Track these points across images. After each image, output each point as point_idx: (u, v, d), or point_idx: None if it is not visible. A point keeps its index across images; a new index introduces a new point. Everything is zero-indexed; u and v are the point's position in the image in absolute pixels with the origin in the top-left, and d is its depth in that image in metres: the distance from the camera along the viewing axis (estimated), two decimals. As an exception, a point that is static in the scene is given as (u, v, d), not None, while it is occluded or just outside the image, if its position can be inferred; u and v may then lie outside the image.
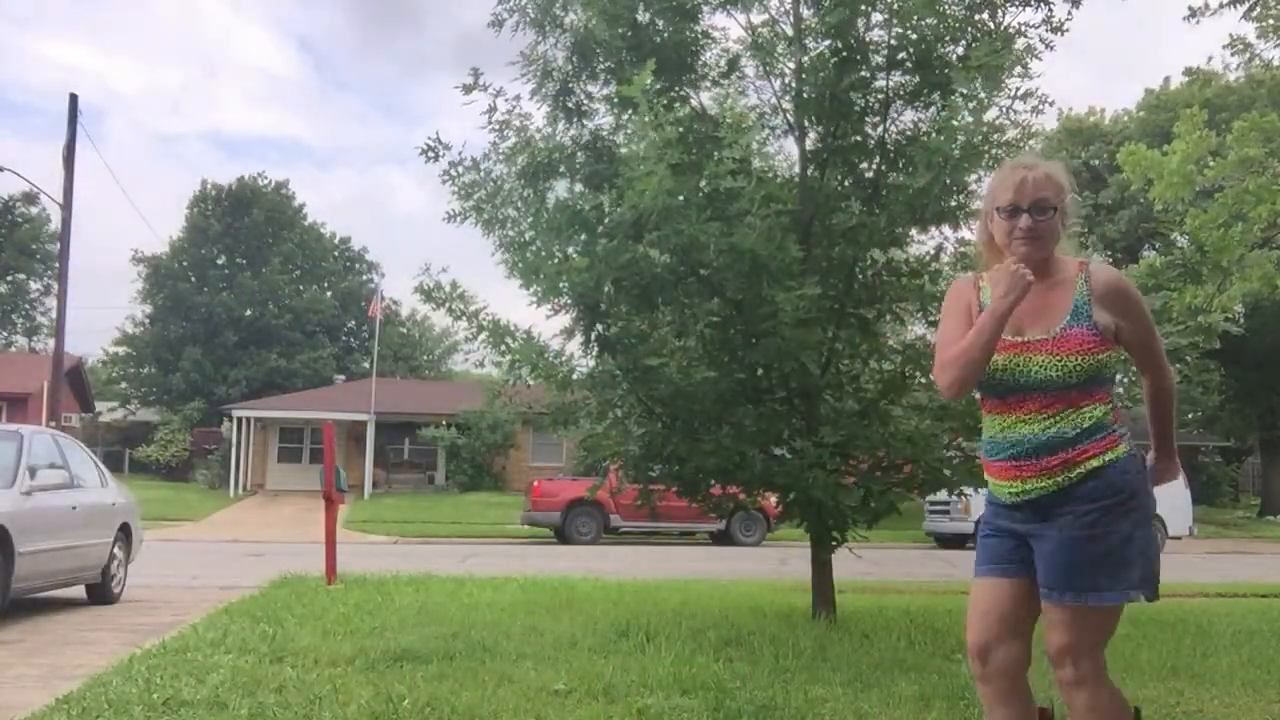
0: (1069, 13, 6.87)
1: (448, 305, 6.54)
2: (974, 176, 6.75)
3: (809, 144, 7.18)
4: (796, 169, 7.34)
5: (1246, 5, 10.75)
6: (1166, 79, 32.97)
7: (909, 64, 6.75)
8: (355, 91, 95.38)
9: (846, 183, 7.15)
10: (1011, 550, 2.75)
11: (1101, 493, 2.59)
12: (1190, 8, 11.34)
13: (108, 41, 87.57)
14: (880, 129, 6.96)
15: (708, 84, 7.33)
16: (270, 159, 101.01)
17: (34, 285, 47.75)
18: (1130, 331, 2.72)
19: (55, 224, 32.68)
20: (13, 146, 79.31)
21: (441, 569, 11.35)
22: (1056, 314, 2.67)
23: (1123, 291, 2.71)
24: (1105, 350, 2.65)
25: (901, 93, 6.88)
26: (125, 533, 9.06)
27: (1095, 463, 2.60)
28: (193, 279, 42.97)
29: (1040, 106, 6.65)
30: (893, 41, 6.66)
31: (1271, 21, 11.79)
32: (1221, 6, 10.91)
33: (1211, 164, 15.17)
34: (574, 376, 6.73)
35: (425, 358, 52.61)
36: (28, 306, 48.23)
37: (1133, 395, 6.93)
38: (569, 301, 6.39)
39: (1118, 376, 3.15)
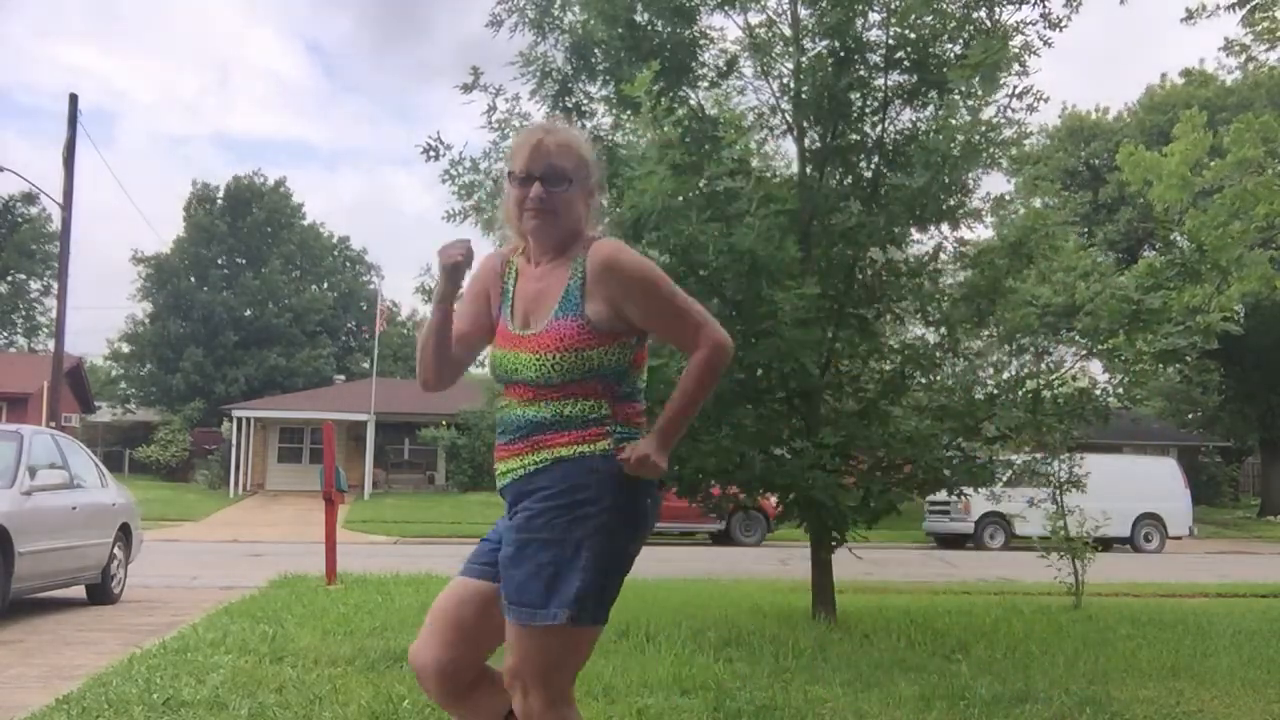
0: (1067, 15, 6.88)
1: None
2: (973, 175, 6.77)
3: (808, 144, 7.19)
4: (795, 169, 7.35)
5: (1245, 9, 10.76)
6: (1163, 76, 32.98)
7: (907, 63, 6.76)
8: (364, 96, 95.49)
9: (845, 182, 7.16)
10: (489, 551, 2.40)
11: (559, 489, 2.24)
12: (1187, 9, 11.36)
13: (121, 46, 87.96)
14: (879, 128, 6.97)
15: (705, 84, 7.34)
16: (279, 162, 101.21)
17: (34, 285, 47.74)
18: (638, 314, 2.30)
19: (56, 224, 32.68)
20: (24, 149, 79.73)
21: (441, 569, 11.34)
22: (548, 304, 2.32)
23: (615, 268, 2.30)
24: (596, 345, 2.27)
25: (900, 92, 6.89)
26: (125, 533, 9.06)
27: (564, 452, 2.25)
28: (192, 279, 43.03)
29: (1035, 104, 6.66)
30: (890, 41, 6.67)
31: (1267, 24, 11.80)
32: (1219, 8, 10.91)
33: (1210, 165, 15.19)
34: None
35: (425, 357, 52.53)
36: (28, 306, 48.21)
37: (1131, 395, 6.95)
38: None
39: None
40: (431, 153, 6.87)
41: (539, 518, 2.24)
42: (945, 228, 7.07)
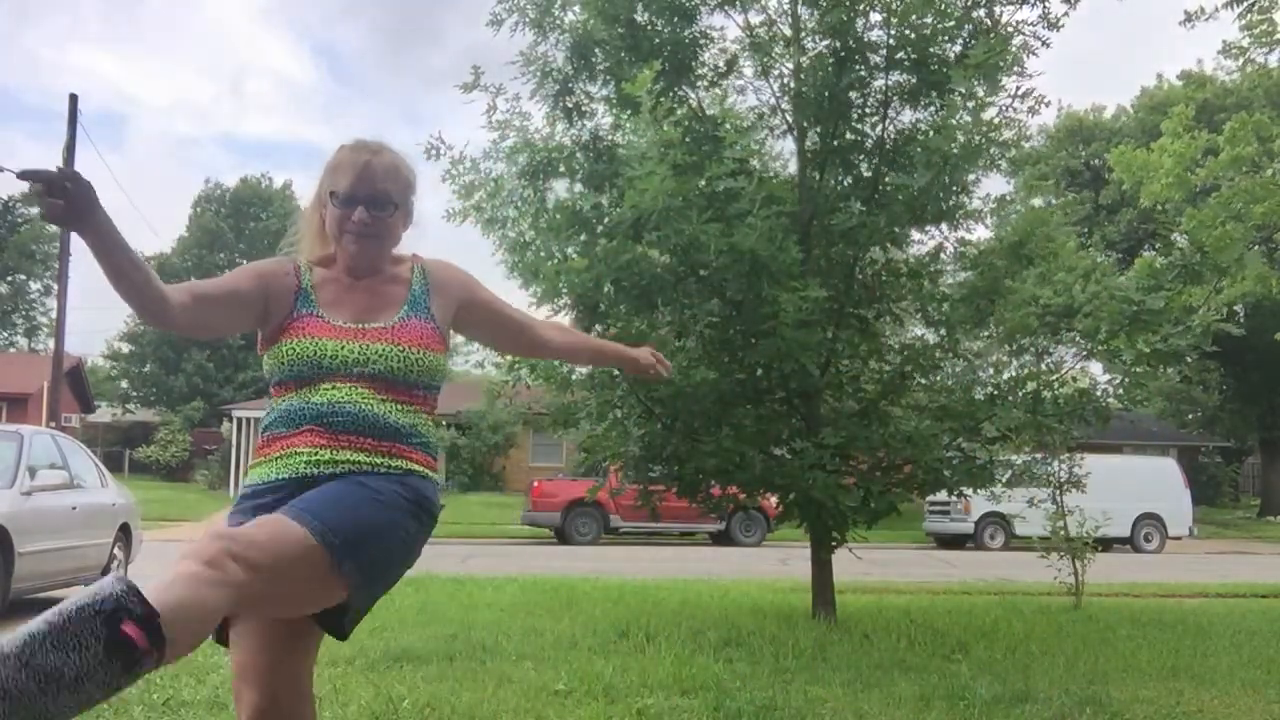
0: (1065, 12, 6.89)
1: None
2: (973, 176, 6.78)
3: (808, 144, 7.19)
4: (793, 169, 7.35)
5: (1242, 7, 10.77)
6: (1160, 76, 32.99)
7: (907, 63, 6.76)
8: (375, 101, 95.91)
9: (846, 182, 7.16)
10: None
11: (406, 492, 2.15)
12: (1186, 12, 11.36)
13: (134, 51, 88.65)
14: (879, 128, 6.97)
15: (705, 84, 7.34)
16: (288, 165, 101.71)
17: (34, 286, 47.78)
18: (480, 305, 2.42)
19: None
20: (35, 150, 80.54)
21: (441, 569, 11.35)
22: (391, 306, 2.28)
23: (456, 268, 2.44)
24: (440, 351, 2.29)
25: (900, 92, 6.89)
26: (125, 533, 9.07)
27: (417, 467, 2.19)
28: (194, 279, 43.11)
29: (1036, 106, 6.67)
30: (891, 41, 6.67)
31: (1264, 27, 11.83)
32: (1217, 9, 10.92)
33: (1206, 164, 15.22)
34: (573, 377, 6.73)
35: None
36: (28, 307, 48.26)
37: (1131, 396, 6.95)
38: (569, 302, 6.39)
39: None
40: (433, 152, 6.87)
41: (378, 480, 2.09)
42: (945, 228, 7.08)
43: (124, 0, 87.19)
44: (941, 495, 7.85)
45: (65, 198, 1.81)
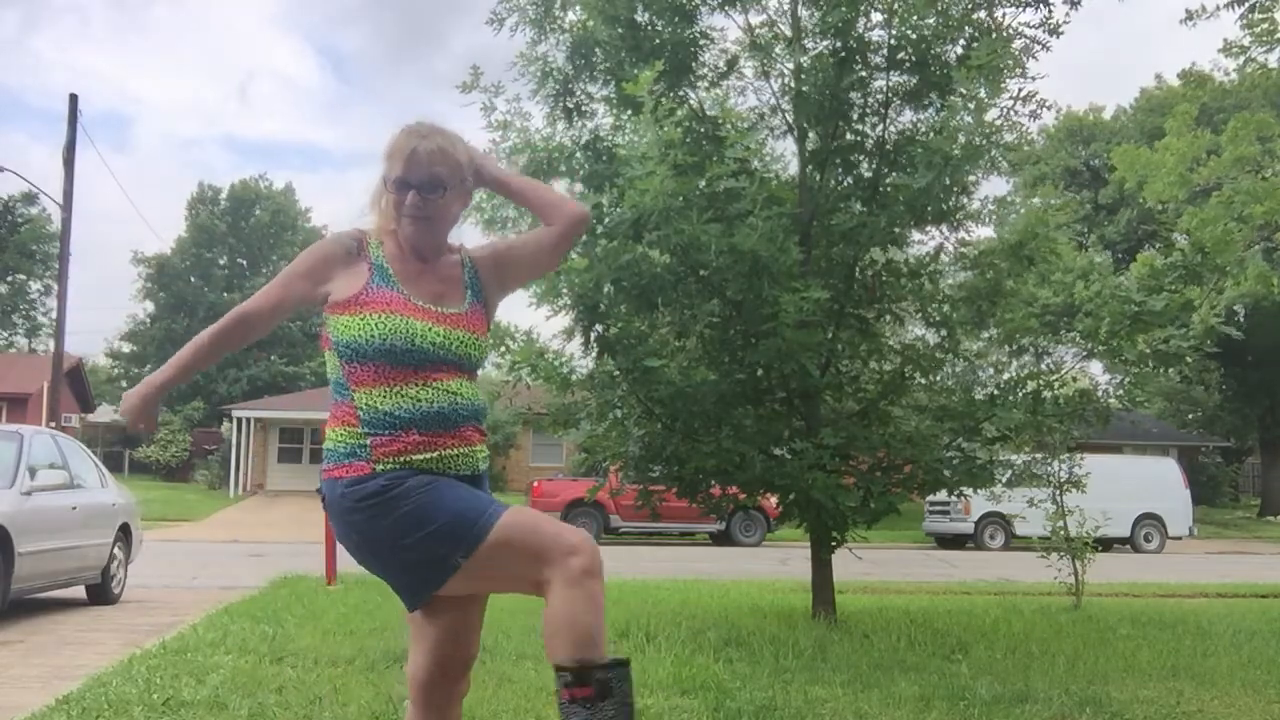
0: (1066, 13, 6.89)
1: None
2: (973, 177, 6.77)
3: (809, 144, 7.19)
4: (793, 169, 7.35)
5: (1244, 7, 10.76)
6: (1159, 77, 33.00)
7: (908, 64, 6.76)
8: (382, 104, 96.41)
9: (846, 183, 7.16)
10: None
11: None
12: (1187, 10, 11.35)
13: (139, 54, 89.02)
14: (880, 129, 6.97)
15: (706, 85, 7.34)
16: (293, 165, 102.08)
17: (34, 286, 47.75)
18: (507, 265, 2.53)
19: (56, 224, 32.69)
20: (40, 152, 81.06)
21: (441, 569, 11.34)
22: (458, 290, 2.42)
23: (486, 250, 2.55)
24: (487, 335, 2.49)
25: (900, 92, 6.89)
26: (125, 533, 9.06)
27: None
28: (192, 280, 43.09)
29: (1038, 110, 6.67)
30: (892, 41, 6.67)
31: (1266, 26, 11.82)
32: (1219, 8, 10.91)
33: (1208, 163, 15.22)
34: (574, 377, 6.73)
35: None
36: (28, 307, 48.23)
37: (1132, 396, 6.94)
38: (568, 302, 6.39)
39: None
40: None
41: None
42: (945, 229, 7.08)
43: (130, 3, 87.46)
44: (941, 495, 7.85)
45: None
